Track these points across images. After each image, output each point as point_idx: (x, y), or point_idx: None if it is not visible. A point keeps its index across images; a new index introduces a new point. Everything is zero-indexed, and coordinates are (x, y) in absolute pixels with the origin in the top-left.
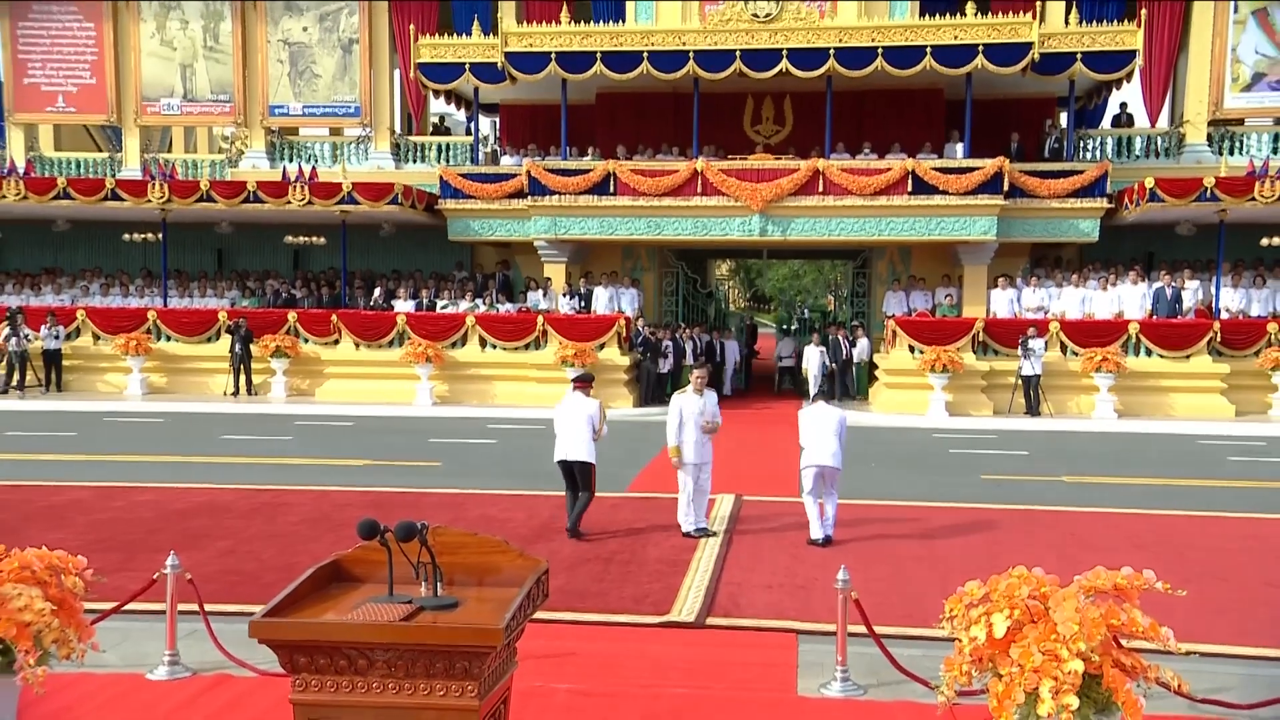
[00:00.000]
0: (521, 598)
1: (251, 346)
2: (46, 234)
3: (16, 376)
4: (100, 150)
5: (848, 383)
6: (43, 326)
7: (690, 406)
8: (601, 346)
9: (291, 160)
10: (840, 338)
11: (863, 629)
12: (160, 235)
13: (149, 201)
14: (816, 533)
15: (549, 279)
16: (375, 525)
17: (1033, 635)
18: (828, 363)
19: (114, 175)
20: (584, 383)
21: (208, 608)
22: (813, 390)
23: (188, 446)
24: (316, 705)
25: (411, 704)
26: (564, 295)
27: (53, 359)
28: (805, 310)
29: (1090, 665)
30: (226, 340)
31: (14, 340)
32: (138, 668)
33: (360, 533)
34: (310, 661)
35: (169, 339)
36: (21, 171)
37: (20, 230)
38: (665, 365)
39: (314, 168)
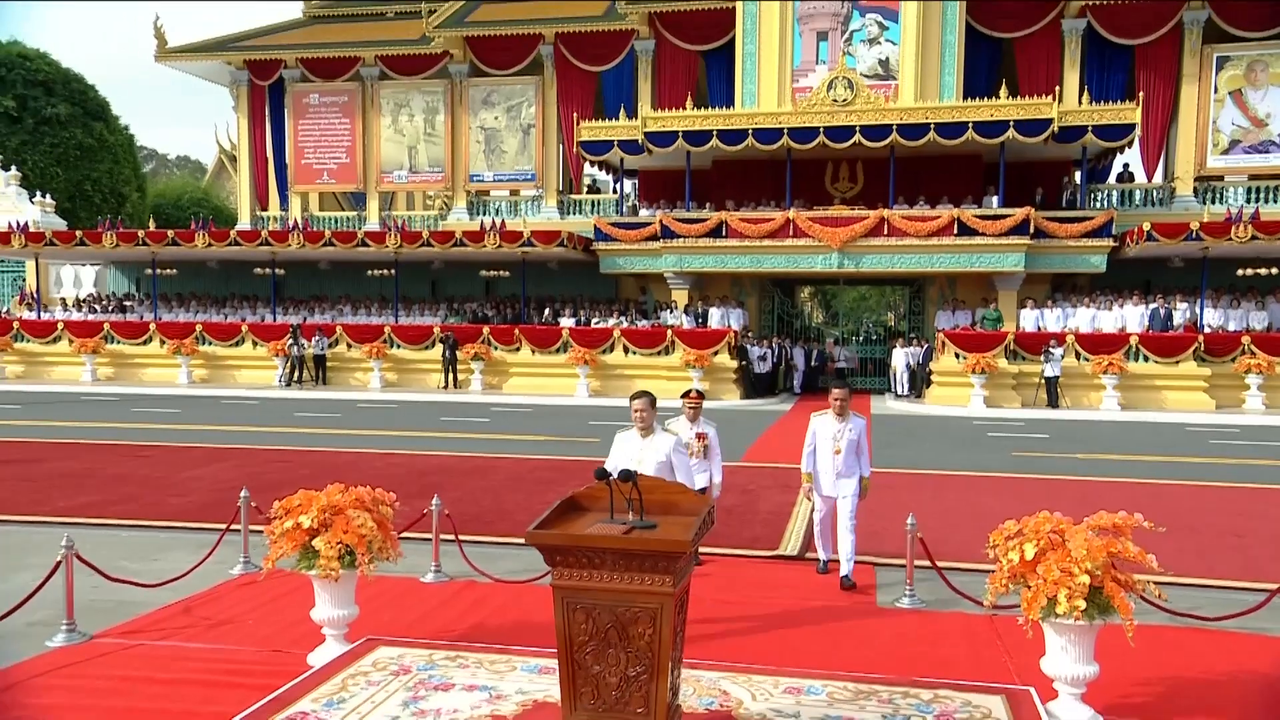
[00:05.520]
0: (700, 522)
1: (457, 352)
2: (314, 271)
3: (296, 374)
4: (343, 210)
5: (927, 379)
6: (313, 337)
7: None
8: (715, 353)
9: (485, 214)
10: (929, 347)
11: (926, 561)
12: (393, 271)
13: (386, 247)
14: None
15: (675, 301)
16: (605, 471)
17: (1053, 558)
18: (912, 363)
19: (360, 229)
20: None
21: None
22: (895, 384)
23: (417, 425)
24: (569, 588)
25: (630, 589)
26: (686, 314)
27: (320, 361)
28: (870, 325)
29: (1095, 579)
30: (439, 348)
31: (295, 348)
32: (414, 574)
33: (596, 475)
34: (564, 559)
35: (399, 347)
36: (301, 227)
37: (297, 268)
38: (764, 367)
39: (501, 220)
